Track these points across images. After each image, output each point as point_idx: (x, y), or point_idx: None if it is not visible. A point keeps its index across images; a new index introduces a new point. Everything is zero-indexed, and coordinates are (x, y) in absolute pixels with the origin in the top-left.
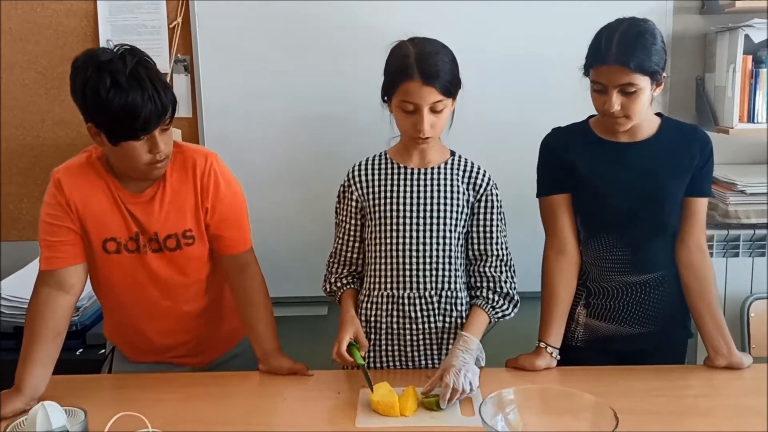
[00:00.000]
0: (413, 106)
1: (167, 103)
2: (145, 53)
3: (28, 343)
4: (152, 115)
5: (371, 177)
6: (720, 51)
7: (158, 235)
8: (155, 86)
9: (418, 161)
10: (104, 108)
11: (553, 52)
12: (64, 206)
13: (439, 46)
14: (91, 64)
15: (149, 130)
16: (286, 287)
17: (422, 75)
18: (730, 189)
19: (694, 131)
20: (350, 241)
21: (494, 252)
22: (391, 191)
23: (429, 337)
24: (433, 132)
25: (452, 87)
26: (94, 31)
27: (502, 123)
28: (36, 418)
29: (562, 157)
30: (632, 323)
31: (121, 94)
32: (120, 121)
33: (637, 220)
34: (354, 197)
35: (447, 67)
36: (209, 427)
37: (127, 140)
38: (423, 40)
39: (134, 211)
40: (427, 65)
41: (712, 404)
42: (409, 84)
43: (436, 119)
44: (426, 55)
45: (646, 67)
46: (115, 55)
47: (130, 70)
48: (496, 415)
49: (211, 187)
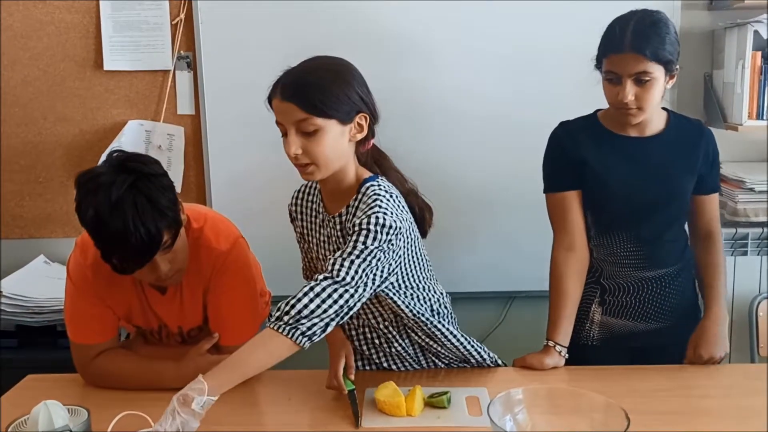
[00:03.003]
0: (283, 128)
1: (157, 233)
2: (150, 167)
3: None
4: (139, 251)
5: (304, 209)
6: (728, 47)
7: (182, 329)
8: (141, 217)
9: (328, 203)
10: (92, 237)
11: (558, 48)
12: (91, 296)
13: (327, 64)
14: (83, 188)
15: (139, 266)
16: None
17: (282, 91)
18: (738, 187)
19: (700, 126)
20: (313, 258)
21: (326, 269)
22: (317, 232)
23: (399, 355)
24: (306, 159)
25: (328, 108)
26: (96, 27)
27: (506, 119)
28: (38, 418)
29: (573, 152)
30: (648, 319)
31: (104, 227)
32: (107, 257)
33: (650, 215)
34: (297, 223)
35: (320, 84)
36: (212, 427)
37: (121, 272)
38: (318, 57)
39: (157, 309)
40: (291, 80)
41: (721, 404)
42: (274, 102)
43: (308, 143)
44: (297, 71)
45: (661, 55)
46: (108, 179)
47: (116, 199)
48: (505, 415)
49: (212, 287)
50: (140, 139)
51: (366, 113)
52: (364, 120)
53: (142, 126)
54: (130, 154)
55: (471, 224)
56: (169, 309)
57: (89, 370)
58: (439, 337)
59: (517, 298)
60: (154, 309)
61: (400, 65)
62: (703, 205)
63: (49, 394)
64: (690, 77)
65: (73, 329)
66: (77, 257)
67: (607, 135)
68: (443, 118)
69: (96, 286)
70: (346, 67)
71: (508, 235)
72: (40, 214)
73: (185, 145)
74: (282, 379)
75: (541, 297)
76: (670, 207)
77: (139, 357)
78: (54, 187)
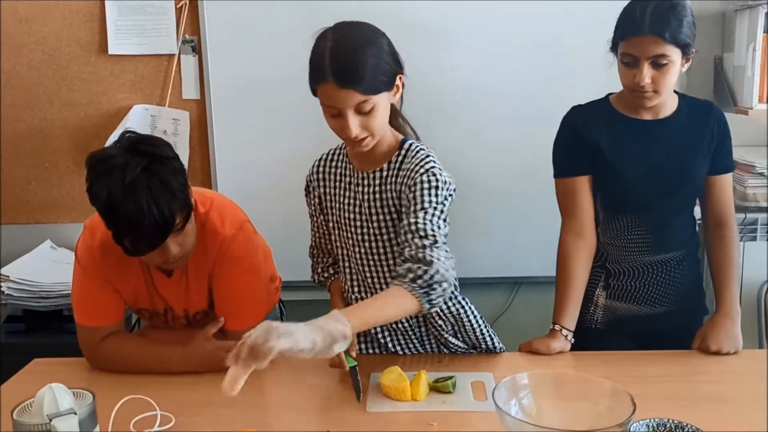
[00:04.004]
0: (335, 110)
1: (170, 215)
2: (162, 150)
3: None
4: (152, 233)
5: (328, 176)
6: (739, 30)
7: (188, 312)
8: (155, 200)
9: (363, 163)
10: (104, 219)
11: (569, 34)
12: (99, 279)
13: (366, 36)
14: (95, 169)
15: (152, 248)
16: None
17: (337, 77)
18: (748, 171)
19: (710, 107)
20: (325, 234)
21: (421, 210)
22: (343, 195)
23: (405, 334)
24: (366, 132)
25: (380, 83)
26: (101, 10)
27: (514, 106)
28: (44, 401)
29: (586, 137)
30: (653, 303)
31: (116, 210)
32: (119, 239)
33: (659, 198)
34: (316, 194)
35: (372, 62)
36: (218, 410)
37: (132, 254)
38: (346, 27)
39: (163, 292)
40: (343, 65)
41: (730, 390)
42: (325, 87)
43: (366, 119)
44: (343, 53)
45: (679, 38)
46: (121, 161)
47: (130, 182)
48: (510, 399)
49: (216, 272)
50: (145, 124)
51: (401, 73)
52: (400, 80)
53: (147, 111)
54: (143, 136)
55: (478, 210)
56: (175, 292)
57: (95, 353)
58: (460, 313)
59: (524, 284)
60: (160, 292)
61: (413, 51)
62: (714, 187)
63: (55, 378)
64: (700, 60)
65: (80, 312)
66: (86, 239)
67: (620, 118)
68: (452, 106)
69: (104, 269)
70: (378, 34)
71: (515, 221)
72: (46, 199)
73: (190, 129)
74: (287, 362)
75: (547, 283)
76: (681, 190)
77: (145, 341)
78: (60, 172)
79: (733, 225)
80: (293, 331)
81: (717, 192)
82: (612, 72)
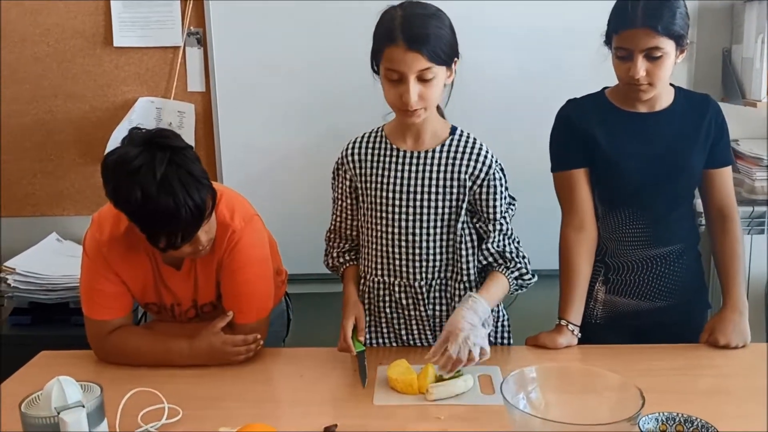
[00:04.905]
0: (398, 74)
1: (202, 203)
2: (177, 141)
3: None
4: (189, 224)
5: (364, 157)
6: (748, 21)
7: (196, 303)
8: (188, 190)
9: (412, 142)
10: (138, 219)
11: (565, 25)
12: (107, 272)
13: (432, 10)
14: (120, 171)
15: (188, 239)
16: (307, 264)
17: (406, 39)
18: (756, 164)
19: (707, 100)
20: (348, 219)
21: (496, 228)
22: (382, 175)
23: (421, 322)
24: (422, 103)
25: (443, 53)
26: (105, 2)
27: (515, 99)
28: (52, 393)
29: (581, 130)
30: (652, 297)
31: (153, 206)
32: (155, 236)
33: (657, 191)
34: (348, 176)
35: (438, 31)
36: (225, 403)
37: (168, 250)
38: (414, 3)
39: (171, 285)
40: (412, 29)
41: (737, 384)
42: (392, 50)
43: (425, 89)
44: (413, 18)
45: (672, 30)
46: (145, 158)
47: (162, 176)
48: (518, 393)
49: (225, 264)
50: (151, 117)
51: (457, 57)
52: (455, 63)
53: (152, 103)
54: (153, 131)
55: None
56: (183, 285)
57: (103, 346)
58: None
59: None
60: (168, 285)
61: None
62: (713, 180)
63: (63, 371)
64: (708, 52)
65: (89, 305)
66: (93, 233)
67: (615, 111)
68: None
69: (112, 262)
70: (444, 14)
71: (517, 214)
72: (51, 191)
73: (195, 122)
74: (294, 356)
75: (552, 276)
76: (678, 183)
77: (152, 334)
78: (65, 165)
79: (736, 218)
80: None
81: (718, 186)
82: (608, 66)
